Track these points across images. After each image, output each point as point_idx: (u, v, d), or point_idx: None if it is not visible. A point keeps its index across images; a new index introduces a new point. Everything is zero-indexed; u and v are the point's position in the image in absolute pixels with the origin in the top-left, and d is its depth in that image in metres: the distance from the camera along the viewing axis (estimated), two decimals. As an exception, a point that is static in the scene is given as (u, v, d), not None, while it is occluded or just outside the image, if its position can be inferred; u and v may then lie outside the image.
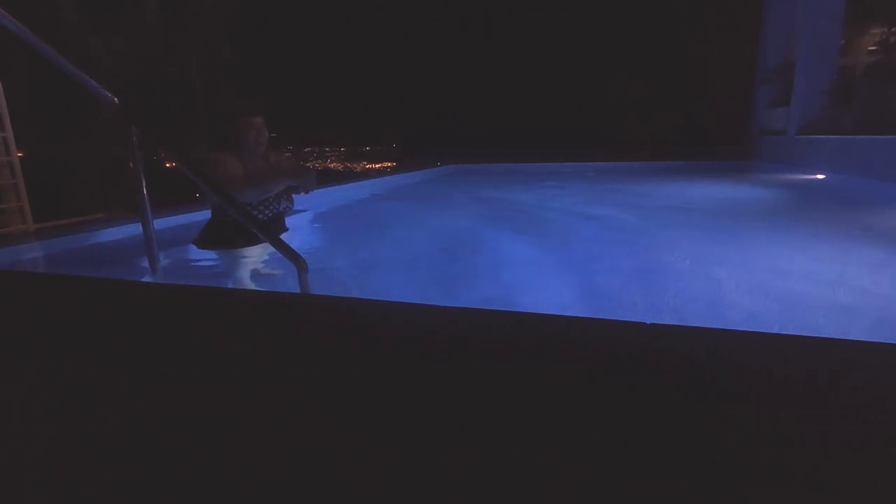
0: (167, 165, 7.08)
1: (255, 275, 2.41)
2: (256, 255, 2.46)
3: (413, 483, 0.53)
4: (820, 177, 6.03)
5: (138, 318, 1.12)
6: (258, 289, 2.27)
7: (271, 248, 2.53)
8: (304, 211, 4.15)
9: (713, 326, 0.91)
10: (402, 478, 0.54)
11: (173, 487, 0.54)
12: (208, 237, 2.47)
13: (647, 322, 0.92)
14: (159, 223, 2.39)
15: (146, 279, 2.14)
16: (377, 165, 13.51)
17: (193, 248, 2.67)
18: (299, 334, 0.99)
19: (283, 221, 2.70)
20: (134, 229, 2.81)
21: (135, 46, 7.69)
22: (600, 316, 1.00)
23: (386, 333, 0.97)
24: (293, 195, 2.59)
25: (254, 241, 2.38)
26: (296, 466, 0.56)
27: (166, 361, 0.86)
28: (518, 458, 0.56)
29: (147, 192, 2.07)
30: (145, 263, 2.16)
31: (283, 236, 2.66)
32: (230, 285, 2.33)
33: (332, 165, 14.00)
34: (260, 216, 2.50)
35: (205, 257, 2.65)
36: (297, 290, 1.61)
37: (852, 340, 0.87)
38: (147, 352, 0.91)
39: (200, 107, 8.52)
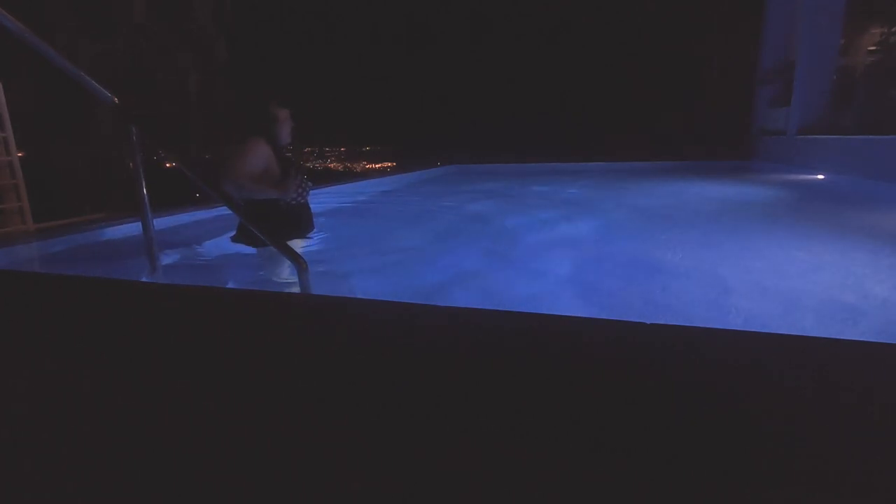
0: (167, 165, 7.09)
1: (290, 272, 2.41)
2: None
3: (413, 483, 0.53)
4: (820, 177, 6.03)
5: (138, 318, 1.12)
6: (258, 289, 2.27)
7: (306, 241, 2.56)
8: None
9: (713, 326, 0.91)
10: (403, 478, 0.54)
11: (173, 487, 0.54)
12: (245, 233, 2.47)
13: (647, 322, 0.92)
14: (159, 223, 2.40)
15: (146, 279, 2.14)
16: (377, 165, 13.52)
17: (199, 248, 2.67)
18: (299, 334, 0.99)
19: (311, 218, 2.70)
20: (134, 229, 2.81)
21: (133, 47, 7.69)
22: (600, 316, 1.00)
23: (386, 333, 0.97)
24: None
25: (294, 236, 2.40)
26: (296, 466, 0.56)
27: (166, 361, 0.86)
28: (518, 459, 0.56)
29: (147, 191, 2.07)
30: (145, 263, 2.16)
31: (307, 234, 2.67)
32: (269, 281, 2.34)
33: (331, 165, 14.01)
34: (301, 199, 2.51)
35: (205, 257, 2.65)
36: (296, 290, 1.61)
37: (852, 340, 0.87)
38: (147, 352, 0.91)
39: (197, 107, 8.53)
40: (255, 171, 2.36)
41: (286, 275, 2.34)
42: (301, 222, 2.59)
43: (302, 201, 2.59)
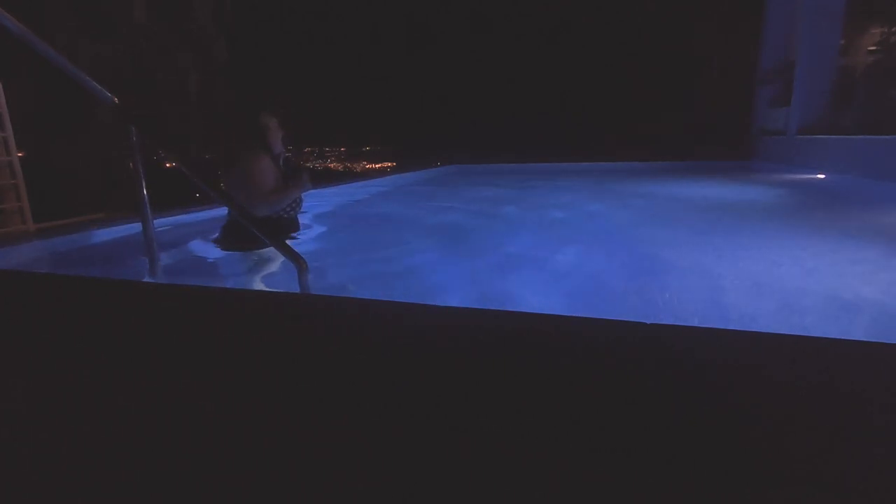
0: (167, 165, 7.09)
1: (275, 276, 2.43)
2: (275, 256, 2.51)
3: (413, 483, 0.53)
4: (820, 177, 6.03)
5: (138, 318, 1.12)
6: (258, 289, 2.27)
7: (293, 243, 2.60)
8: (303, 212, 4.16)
9: (713, 326, 0.91)
10: (402, 478, 0.54)
11: (173, 487, 0.54)
12: (231, 238, 2.50)
13: (647, 322, 0.92)
14: (159, 223, 2.40)
15: (146, 279, 2.14)
16: (377, 165, 13.52)
17: (199, 248, 2.67)
18: (299, 334, 0.99)
19: (297, 220, 2.75)
20: (134, 229, 2.81)
21: (133, 47, 7.69)
22: (600, 316, 1.00)
23: (386, 333, 0.97)
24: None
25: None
26: (295, 466, 0.56)
27: (166, 361, 0.86)
28: (517, 459, 0.56)
29: (147, 191, 2.07)
30: (145, 263, 2.16)
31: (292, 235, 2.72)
32: (253, 286, 2.35)
33: (331, 165, 14.00)
34: (292, 212, 2.59)
35: (206, 257, 2.65)
36: (297, 290, 1.61)
37: (852, 340, 0.87)
38: (147, 352, 0.91)
39: (197, 107, 8.53)
40: (270, 185, 2.45)
41: (276, 277, 2.37)
42: (289, 229, 2.64)
43: (294, 215, 2.63)
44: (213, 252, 2.64)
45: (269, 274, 2.42)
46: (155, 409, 0.71)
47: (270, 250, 2.43)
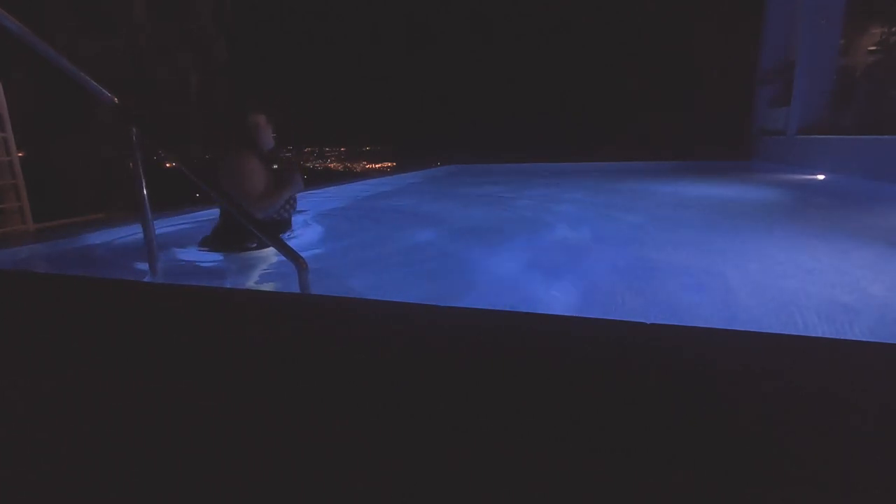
0: (167, 166, 7.09)
1: (265, 277, 2.43)
2: (270, 257, 2.51)
3: (414, 483, 0.53)
4: (820, 177, 6.03)
5: (138, 318, 1.12)
6: (258, 289, 2.27)
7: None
8: (305, 211, 4.16)
9: (713, 326, 0.91)
10: (403, 478, 0.54)
11: (173, 487, 0.54)
12: (220, 239, 2.50)
13: (647, 322, 0.92)
14: (159, 223, 2.40)
15: (146, 279, 2.14)
16: (377, 165, 13.53)
17: (195, 248, 2.67)
18: (299, 334, 0.99)
19: (290, 221, 2.76)
20: (134, 229, 2.81)
21: (133, 47, 7.70)
22: (600, 316, 1.00)
23: (386, 333, 0.97)
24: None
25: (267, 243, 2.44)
26: (295, 466, 0.56)
27: (166, 361, 0.86)
28: (517, 459, 0.56)
29: (147, 192, 2.07)
30: (145, 264, 2.16)
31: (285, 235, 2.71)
32: (252, 286, 2.36)
33: (331, 165, 14.01)
34: (286, 215, 2.60)
35: (206, 258, 2.65)
36: (297, 290, 1.61)
37: (852, 340, 0.88)
38: (147, 352, 0.91)
39: (197, 107, 8.53)
40: (260, 188, 2.45)
41: (275, 278, 2.38)
42: (283, 230, 2.65)
43: (287, 217, 2.64)
44: (212, 253, 2.64)
45: (267, 274, 2.42)
46: (155, 410, 0.70)
47: (267, 251, 2.44)
